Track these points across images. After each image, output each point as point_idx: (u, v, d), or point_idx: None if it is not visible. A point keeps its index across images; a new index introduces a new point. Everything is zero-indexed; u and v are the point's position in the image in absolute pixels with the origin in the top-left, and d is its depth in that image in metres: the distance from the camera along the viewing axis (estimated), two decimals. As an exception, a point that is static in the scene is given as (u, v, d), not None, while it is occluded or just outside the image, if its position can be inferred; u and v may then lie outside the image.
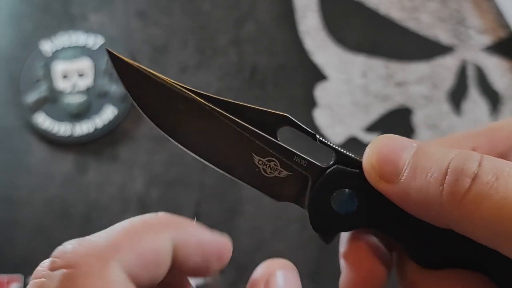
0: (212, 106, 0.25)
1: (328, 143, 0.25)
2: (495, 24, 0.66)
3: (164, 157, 0.63)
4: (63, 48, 0.65)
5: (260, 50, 0.66)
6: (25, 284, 0.58)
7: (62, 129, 0.63)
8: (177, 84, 0.25)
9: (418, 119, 0.63)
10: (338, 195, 0.24)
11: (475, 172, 0.20)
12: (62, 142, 0.63)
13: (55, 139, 0.63)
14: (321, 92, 0.65)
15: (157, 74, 0.25)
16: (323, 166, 0.25)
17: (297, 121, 0.26)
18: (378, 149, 0.23)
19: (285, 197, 0.25)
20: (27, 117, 0.63)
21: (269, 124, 0.25)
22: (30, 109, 0.63)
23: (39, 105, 0.64)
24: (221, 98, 0.25)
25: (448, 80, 0.65)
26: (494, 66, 0.65)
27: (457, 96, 0.64)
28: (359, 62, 0.65)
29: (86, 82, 0.64)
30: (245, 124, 0.25)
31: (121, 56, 0.25)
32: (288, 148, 0.25)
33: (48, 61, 0.65)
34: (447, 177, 0.21)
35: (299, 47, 0.66)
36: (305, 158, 0.25)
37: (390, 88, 0.64)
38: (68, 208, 0.61)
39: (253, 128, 0.25)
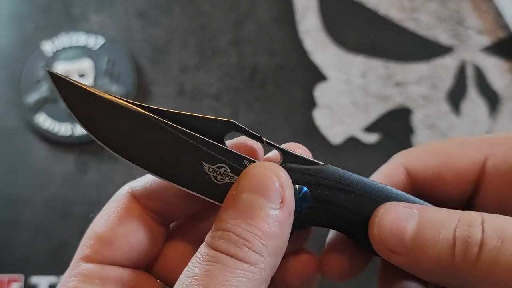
0: (158, 118, 0.24)
1: (274, 144, 0.25)
2: (494, 25, 0.67)
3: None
4: (63, 49, 0.65)
5: (260, 50, 0.66)
6: (26, 284, 0.58)
7: (62, 129, 0.63)
8: (122, 100, 0.25)
9: (418, 119, 0.63)
10: None
11: (481, 239, 0.21)
12: (62, 142, 0.63)
13: (55, 139, 0.63)
14: (320, 92, 0.65)
15: (101, 91, 0.25)
16: None
17: (241, 126, 0.26)
18: (382, 224, 0.24)
19: None
20: (28, 117, 0.63)
21: (216, 131, 0.25)
22: (31, 109, 0.63)
23: (40, 105, 0.64)
24: (167, 109, 0.25)
25: (447, 80, 0.65)
26: (493, 67, 0.65)
27: (456, 96, 0.64)
28: (358, 62, 0.66)
29: (86, 82, 0.64)
30: (193, 133, 0.24)
31: (64, 76, 0.25)
32: (237, 152, 0.25)
33: (49, 62, 0.65)
34: (455, 247, 0.21)
35: (299, 47, 0.66)
36: (254, 161, 0.25)
37: (390, 88, 0.65)
38: (69, 208, 0.61)
39: (200, 136, 0.24)
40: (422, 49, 0.66)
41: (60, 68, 0.65)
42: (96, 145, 0.68)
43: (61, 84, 0.25)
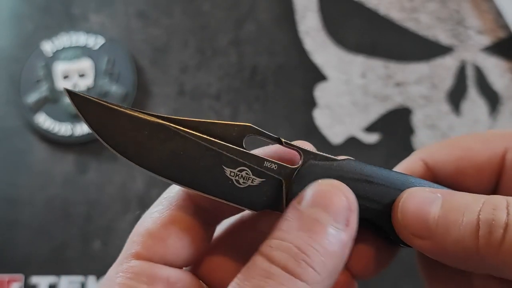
0: (176, 126, 0.25)
1: (293, 144, 0.25)
2: (494, 25, 0.67)
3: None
4: (63, 49, 0.65)
5: (260, 50, 0.66)
6: (26, 284, 0.58)
7: (62, 129, 0.63)
8: (139, 112, 0.25)
9: (418, 119, 0.63)
10: None
11: (506, 221, 0.21)
12: (62, 142, 0.63)
13: (55, 139, 0.63)
14: (321, 92, 0.65)
15: (118, 105, 0.25)
16: (293, 166, 0.25)
17: (259, 129, 0.26)
18: (406, 208, 0.24)
19: (263, 205, 0.25)
20: (27, 117, 0.63)
21: (234, 136, 0.25)
22: (30, 109, 0.63)
23: (39, 105, 0.64)
24: (184, 118, 0.25)
25: (447, 80, 0.65)
26: (493, 67, 0.65)
27: (456, 96, 0.64)
28: (358, 62, 0.66)
29: (86, 82, 0.64)
30: (212, 139, 0.25)
31: (81, 93, 0.25)
32: (257, 155, 0.25)
33: (48, 62, 0.65)
34: (480, 230, 0.21)
35: (299, 47, 0.66)
36: (275, 162, 0.25)
37: (390, 88, 0.65)
38: (69, 207, 0.61)
39: (220, 141, 0.25)
40: (422, 49, 0.66)
41: (60, 68, 0.65)
42: (96, 145, 0.68)
43: (79, 101, 0.25)
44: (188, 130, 0.25)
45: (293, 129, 0.63)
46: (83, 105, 0.25)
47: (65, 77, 0.65)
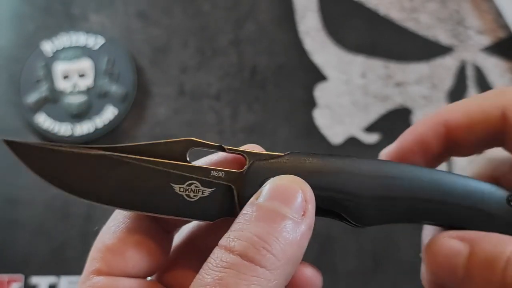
0: (119, 154, 0.25)
1: (236, 149, 0.26)
2: (494, 25, 0.67)
3: (164, 157, 0.63)
4: (63, 49, 0.65)
5: (260, 50, 0.66)
6: (26, 284, 0.58)
7: (62, 129, 0.63)
8: (79, 147, 0.25)
9: (418, 119, 0.63)
10: None
11: None
12: (62, 142, 0.63)
13: (55, 139, 0.63)
14: (320, 92, 0.65)
15: (58, 144, 0.25)
16: (240, 170, 0.25)
17: (200, 140, 0.26)
18: (433, 261, 0.24)
19: (217, 214, 0.25)
20: (27, 117, 0.63)
21: (178, 152, 0.25)
22: (30, 109, 0.63)
23: (39, 105, 0.64)
24: (126, 144, 0.25)
25: (447, 80, 0.65)
26: (493, 66, 0.65)
27: (456, 96, 0.64)
28: (358, 62, 0.66)
29: (86, 82, 0.64)
30: (156, 159, 0.25)
31: (19, 141, 0.25)
32: (203, 166, 0.25)
33: (48, 62, 0.65)
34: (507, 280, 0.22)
35: (299, 47, 0.66)
36: (221, 169, 0.25)
37: (390, 88, 0.65)
38: (69, 208, 0.61)
39: (164, 161, 0.25)
40: (422, 49, 0.66)
41: (60, 68, 0.65)
42: (96, 145, 0.68)
43: (19, 149, 0.26)
44: (131, 156, 0.25)
45: (293, 129, 0.63)
46: (23, 152, 0.25)
47: (65, 77, 0.65)
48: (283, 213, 0.22)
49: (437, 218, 0.26)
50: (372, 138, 0.63)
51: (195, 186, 0.25)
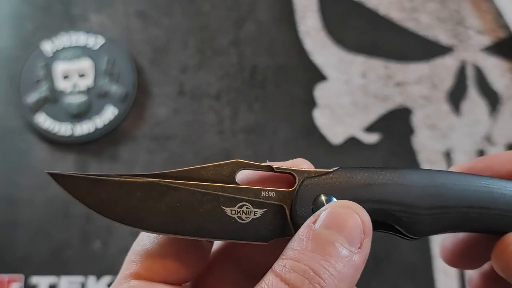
0: (167, 181, 0.25)
1: (286, 167, 0.26)
2: (494, 25, 0.67)
3: (164, 157, 0.63)
4: (63, 49, 0.65)
5: (260, 50, 0.66)
6: (26, 284, 0.58)
7: (62, 129, 0.63)
8: (125, 176, 0.25)
9: (418, 119, 0.63)
10: (317, 205, 0.25)
11: None
12: (62, 142, 0.63)
13: (55, 139, 0.63)
14: (321, 92, 0.65)
15: (103, 174, 0.25)
16: (291, 189, 0.25)
17: (248, 162, 0.26)
18: (506, 260, 0.25)
19: (270, 235, 0.25)
20: (27, 117, 0.63)
21: (226, 175, 0.25)
22: (30, 109, 0.63)
23: (39, 105, 0.64)
24: (172, 170, 0.25)
25: (447, 80, 0.65)
26: (493, 66, 0.65)
27: (456, 96, 0.64)
28: (358, 62, 0.66)
29: (86, 82, 0.64)
30: (205, 183, 0.25)
31: (64, 173, 0.25)
32: (253, 187, 0.25)
33: (48, 62, 0.65)
34: None
35: (299, 47, 0.66)
36: (271, 189, 0.25)
37: (390, 88, 0.65)
38: (69, 208, 0.61)
39: (214, 184, 0.25)
40: (422, 49, 0.66)
41: (60, 68, 0.65)
42: (96, 145, 0.68)
43: (64, 181, 0.25)
44: (179, 181, 0.25)
45: (293, 129, 0.63)
46: (71, 184, 0.25)
47: (65, 77, 0.65)
48: (340, 246, 0.22)
49: (489, 225, 0.26)
50: (372, 138, 0.63)
51: (247, 208, 0.25)
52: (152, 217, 0.24)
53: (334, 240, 0.22)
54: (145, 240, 0.26)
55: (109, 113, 0.63)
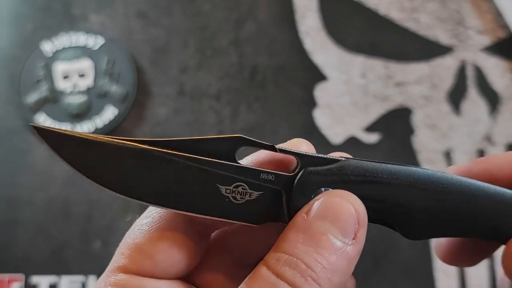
0: (162, 150, 0.23)
1: (289, 149, 0.24)
2: (494, 25, 0.67)
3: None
4: (63, 49, 0.65)
5: (260, 50, 0.66)
6: (26, 284, 0.58)
7: (62, 129, 0.63)
8: (119, 139, 0.23)
9: (418, 119, 0.63)
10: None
11: None
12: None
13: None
14: (321, 92, 0.65)
15: (94, 135, 0.23)
16: (291, 174, 0.24)
17: (251, 138, 0.24)
18: None
19: (264, 218, 0.24)
20: (27, 118, 0.63)
21: (225, 150, 0.24)
22: (30, 109, 0.63)
23: (39, 106, 0.64)
24: (170, 139, 0.23)
25: (447, 80, 0.65)
26: (493, 66, 0.65)
27: (456, 96, 0.64)
28: (358, 62, 0.66)
29: (86, 82, 0.64)
30: (201, 158, 0.23)
31: (50, 128, 0.23)
32: (252, 167, 0.24)
33: (48, 62, 0.65)
34: None
35: (299, 47, 0.66)
36: (271, 172, 0.24)
37: (390, 88, 0.65)
38: (69, 208, 0.61)
39: (211, 159, 0.23)
40: (422, 49, 0.66)
41: (60, 68, 0.65)
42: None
43: (49, 136, 0.23)
44: (175, 152, 0.23)
45: (293, 129, 0.63)
46: (56, 140, 0.23)
47: (65, 77, 0.65)
48: (333, 238, 0.22)
49: (490, 233, 0.25)
50: (372, 138, 0.63)
51: (243, 189, 0.23)
52: (142, 187, 0.23)
53: (327, 232, 0.22)
54: (136, 233, 0.25)
55: (109, 113, 0.63)
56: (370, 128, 0.63)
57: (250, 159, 0.25)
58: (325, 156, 0.24)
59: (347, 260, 0.22)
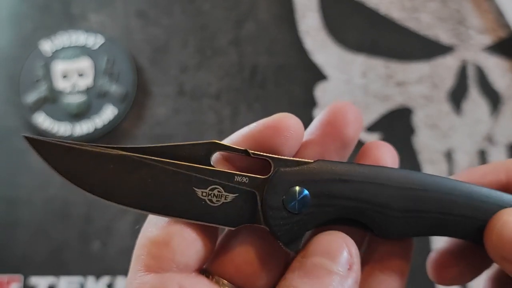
0: (140, 155, 0.24)
1: (262, 153, 0.25)
2: (495, 24, 0.66)
3: (164, 157, 0.63)
4: (63, 48, 0.65)
5: (260, 50, 0.66)
6: (25, 284, 0.58)
7: (62, 129, 0.63)
8: (100, 146, 0.25)
9: (418, 119, 0.63)
10: (289, 196, 0.24)
11: None
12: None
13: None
14: (321, 92, 0.64)
15: (78, 143, 0.25)
16: (265, 176, 0.25)
17: (225, 144, 0.26)
18: (505, 232, 0.24)
19: (240, 221, 0.25)
20: (27, 117, 0.63)
21: (202, 155, 0.25)
22: (30, 109, 0.63)
23: (39, 105, 0.64)
24: (148, 145, 0.25)
25: (448, 80, 0.65)
26: (494, 66, 0.65)
27: (457, 96, 0.64)
28: (359, 62, 0.65)
29: (86, 82, 0.64)
30: (178, 162, 0.24)
31: (39, 138, 0.25)
32: (226, 171, 0.25)
33: (48, 61, 0.65)
34: None
35: (299, 47, 0.66)
36: (245, 175, 0.25)
37: (390, 88, 0.64)
38: (68, 208, 0.61)
39: (187, 164, 0.24)
40: (423, 48, 0.66)
41: (59, 67, 0.65)
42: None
43: (39, 146, 0.25)
44: (153, 158, 0.24)
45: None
46: (43, 149, 0.25)
47: (64, 76, 0.65)
48: (329, 269, 0.22)
49: (465, 232, 0.25)
50: (372, 138, 0.62)
51: (218, 191, 0.24)
52: (122, 190, 0.24)
53: (323, 264, 0.23)
54: (148, 230, 0.25)
55: (109, 113, 0.63)
56: (371, 128, 0.63)
57: (234, 137, 0.26)
58: (298, 159, 0.25)
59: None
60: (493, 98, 0.64)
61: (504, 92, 0.64)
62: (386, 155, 0.27)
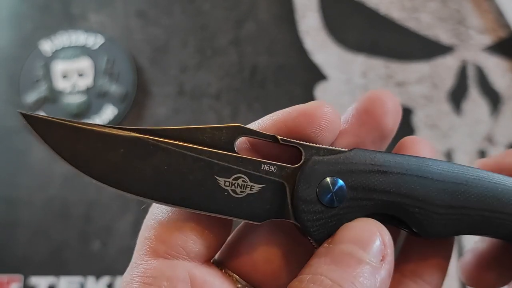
0: (156, 138, 0.21)
1: (292, 140, 0.23)
2: (495, 24, 0.66)
3: (164, 157, 0.63)
4: (63, 48, 0.65)
5: (260, 50, 0.66)
6: (25, 284, 0.58)
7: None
8: (109, 127, 0.22)
9: (418, 119, 0.63)
10: (324, 188, 0.22)
11: None
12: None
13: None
14: (321, 92, 0.64)
15: (83, 123, 0.21)
16: (295, 166, 0.22)
17: (251, 128, 0.23)
18: None
19: (266, 215, 0.22)
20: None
21: (224, 140, 0.22)
22: (30, 109, 0.63)
23: (39, 105, 0.64)
24: (165, 127, 0.22)
25: (448, 80, 0.65)
26: (494, 66, 0.65)
27: (457, 96, 0.64)
28: (359, 62, 0.65)
29: (86, 82, 0.64)
30: (199, 147, 0.21)
31: (38, 115, 0.21)
32: (253, 158, 0.22)
33: (48, 61, 0.65)
34: None
35: (299, 47, 0.66)
36: (273, 163, 0.22)
37: (390, 88, 0.64)
38: (68, 208, 0.61)
39: (208, 149, 0.22)
40: (423, 48, 0.66)
41: (59, 67, 0.65)
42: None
43: (38, 125, 0.21)
44: (170, 141, 0.21)
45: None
46: (43, 128, 0.21)
47: (64, 76, 0.65)
48: (360, 257, 0.20)
49: (509, 232, 0.23)
50: (372, 138, 0.62)
51: (243, 181, 0.22)
52: (134, 178, 0.21)
53: (353, 252, 0.20)
54: (157, 211, 0.23)
55: (109, 113, 0.63)
56: (371, 128, 0.63)
57: (262, 121, 0.23)
58: (331, 147, 0.23)
59: (379, 281, 0.20)
60: (493, 98, 0.64)
61: (504, 92, 0.64)
62: (425, 151, 0.25)
